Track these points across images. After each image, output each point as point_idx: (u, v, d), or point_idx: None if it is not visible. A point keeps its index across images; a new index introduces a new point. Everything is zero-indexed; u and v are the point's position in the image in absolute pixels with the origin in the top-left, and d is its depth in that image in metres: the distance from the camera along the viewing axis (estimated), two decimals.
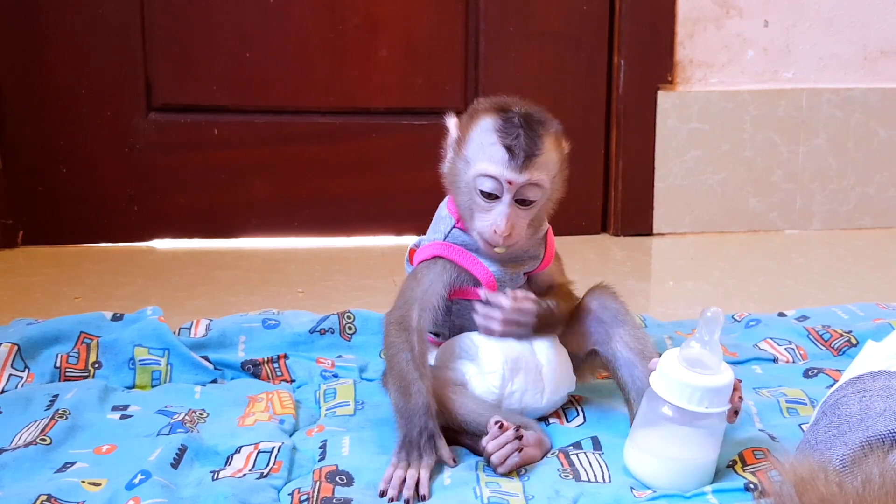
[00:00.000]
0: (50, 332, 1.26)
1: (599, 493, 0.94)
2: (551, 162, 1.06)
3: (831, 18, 2.03)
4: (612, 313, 1.11)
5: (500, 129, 1.04)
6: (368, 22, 1.93)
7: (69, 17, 1.83)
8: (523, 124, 1.04)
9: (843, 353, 1.31)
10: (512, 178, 1.02)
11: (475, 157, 1.05)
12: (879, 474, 0.69)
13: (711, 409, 0.93)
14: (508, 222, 1.03)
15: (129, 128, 1.89)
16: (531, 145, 1.03)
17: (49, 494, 0.92)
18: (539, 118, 1.06)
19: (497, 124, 1.04)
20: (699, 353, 0.95)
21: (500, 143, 1.03)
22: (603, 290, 1.14)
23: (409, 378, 1.01)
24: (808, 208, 2.07)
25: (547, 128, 1.06)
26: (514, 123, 1.04)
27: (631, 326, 1.09)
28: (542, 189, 1.05)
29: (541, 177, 1.04)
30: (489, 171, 1.03)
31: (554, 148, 1.07)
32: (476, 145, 1.05)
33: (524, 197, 1.04)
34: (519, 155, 1.02)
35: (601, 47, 2.00)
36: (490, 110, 1.06)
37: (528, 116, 1.05)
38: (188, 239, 1.93)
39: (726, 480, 0.97)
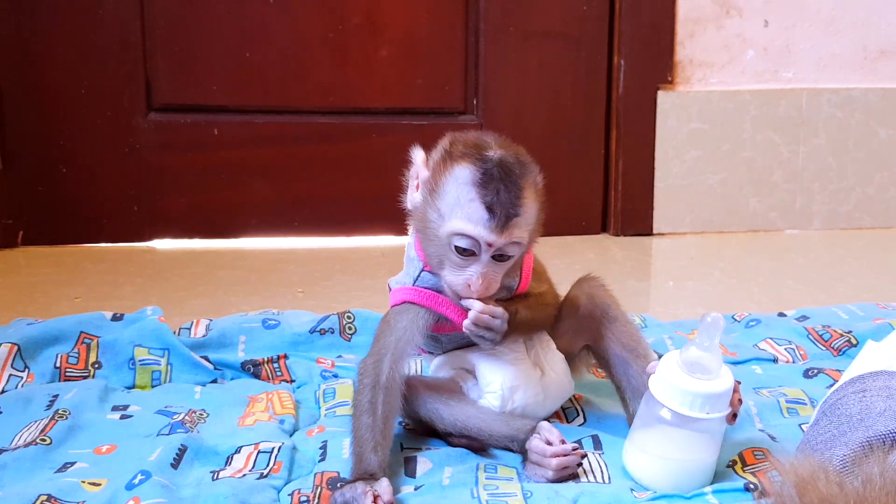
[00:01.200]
0: (50, 332, 1.26)
1: (599, 493, 0.94)
2: (531, 215, 0.98)
3: (831, 18, 2.03)
4: (602, 309, 1.08)
5: (478, 184, 0.95)
6: (368, 22, 1.93)
7: (69, 18, 1.83)
8: (503, 177, 0.95)
9: (843, 353, 1.31)
10: (492, 240, 0.95)
11: (451, 213, 0.97)
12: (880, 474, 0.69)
13: (712, 414, 0.93)
14: (485, 281, 0.97)
15: (129, 128, 1.89)
16: (513, 203, 0.95)
17: (49, 494, 0.92)
18: (518, 168, 0.97)
19: (475, 177, 0.96)
20: (699, 357, 0.94)
21: (479, 200, 0.95)
22: (590, 282, 1.11)
23: (364, 449, 0.96)
24: (808, 208, 2.07)
25: (527, 178, 0.98)
26: (493, 176, 0.95)
27: (622, 322, 1.08)
28: (521, 246, 0.98)
29: (521, 234, 0.97)
30: (467, 231, 0.95)
31: (534, 198, 0.98)
32: (451, 199, 0.97)
33: (503, 254, 0.98)
34: (500, 216, 0.95)
35: (601, 47, 2.00)
36: (466, 157, 0.97)
37: (507, 168, 0.96)
38: (188, 239, 1.93)
39: (726, 481, 0.97)
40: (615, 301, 1.10)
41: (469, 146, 0.99)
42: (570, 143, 2.02)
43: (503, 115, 1.99)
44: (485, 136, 1.00)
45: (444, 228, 0.98)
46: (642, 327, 1.39)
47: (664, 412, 0.94)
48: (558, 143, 2.02)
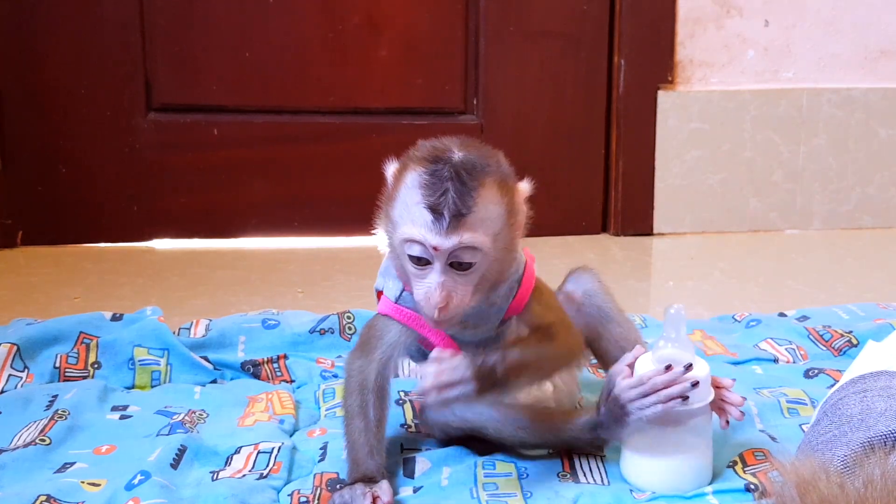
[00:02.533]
0: (49, 333, 1.26)
1: (599, 494, 0.94)
2: (490, 218, 0.90)
3: (831, 18, 2.03)
4: (597, 307, 1.06)
5: (424, 185, 0.89)
6: (368, 22, 1.93)
7: (69, 17, 1.83)
8: (453, 177, 0.89)
9: (844, 353, 1.31)
10: (437, 243, 0.88)
11: (400, 219, 0.91)
12: (881, 475, 0.69)
13: (695, 404, 0.93)
14: (442, 292, 0.90)
15: (128, 128, 1.89)
16: (460, 203, 0.88)
17: (48, 495, 0.92)
18: (474, 166, 0.90)
19: (422, 179, 0.90)
20: (671, 353, 0.95)
21: (423, 202, 0.89)
22: (584, 275, 1.08)
23: (359, 454, 0.94)
24: (808, 208, 2.07)
25: (482, 177, 0.90)
26: (441, 177, 0.89)
27: (617, 322, 1.07)
28: (480, 251, 0.90)
29: (475, 238, 0.89)
30: (413, 235, 0.89)
31: (495, 200, 0.91)
32: (401, 204, 0.92)
33: (459, 261, 0.90)
34: (445, 216, 0.88)
35: (601, 47, 2.00)
36: (419, 161, 0.92)
37: (460, 166, 0.89)
38: (188, 239, 1.93)
39: (727, 481, 0.97)
40: (611, 297, 1.08)
41: (426, 150, 0.93)
42: (570, 143, 2.02)
43: (503, 115, 1.99)
44: (451, 141, 0.94)
45: (395, 236, 0.92)
46: (642, 327, 1.39)
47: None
48: (558, 143, 2.01)
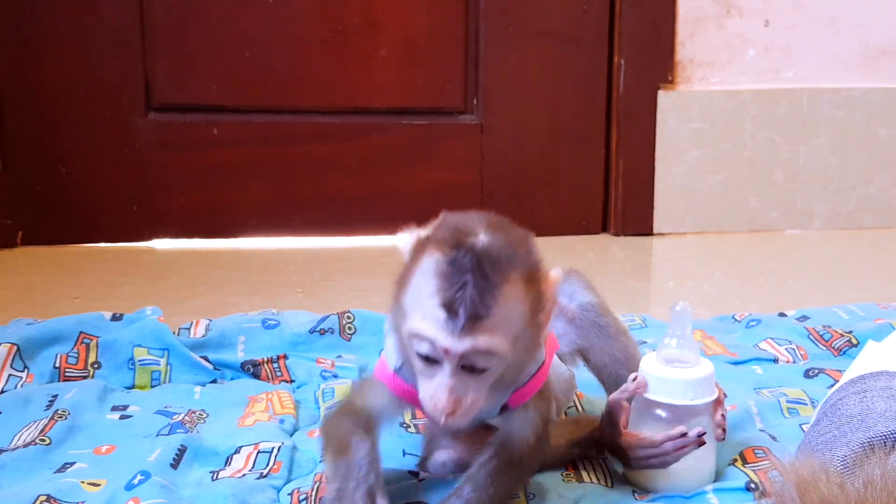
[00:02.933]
0: (49, 332, 1.26)
1: (601, 495, 0.94)
2: (511, 319, 0.80)
3: (832, 18, 2.03)
4: (592, 322, 1.02)
5: (441, 276, 0.78)
6: (368, 22, 1.93)
7: (68, 17, 1.83)
8: (474, 268, 0.77)
9: (844, 353, 1.31)
10: (449, 345, 0.78)
11: (411, 309, 0.80)
12: (881, 475, 0.69)
13: (697, 400, 0.94)
14: (451, 396, 0.79)
15: (128, 128, 1.89)
16: (479, 303, 0.77)
17: (48, 495, 0.92)
18: (499, 257, 0.79)
19: (440, 267, 0.78)
20: (676, 351, 0.96)
21: (438, 296, 0.78)
22: (577, 285, 1.03)
23: (350, 438, 0.86)
24: (808, 208, 2.07)
25: (507, 271, 0.79)
26: (461, 268, 0.77)
27: (611, 335, 1.03)
28: (496, 356, 0.80)
29: (492, 342, 0.78)
30: (423, 332, 0.79)
31: (519, 297, 0.80)
32: (414, 292, 0.80)
33: (471, 364, 0.80)
34: (460, 316, 0.77)
35: (601, 47, 2.00)
36: (439, 244, 0.80)
37: (484, 256, 0.78)
38: (187, 239, 1.93)
39: (728, 476, 0.97)
40: (606, 309, 1.04)
41: (450, 230, 0.81)
42: (570, 143, 2.02)
43: (503, 115, 1.99)
44: (478, 220, 0.82)
45: (404, 328, 0.81)
46: (642, 327, 1.39)
47: (656, 411, 0.95)
48: (558, 143, 2.01)
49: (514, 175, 2.01)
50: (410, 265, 0.82)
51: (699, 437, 0.92)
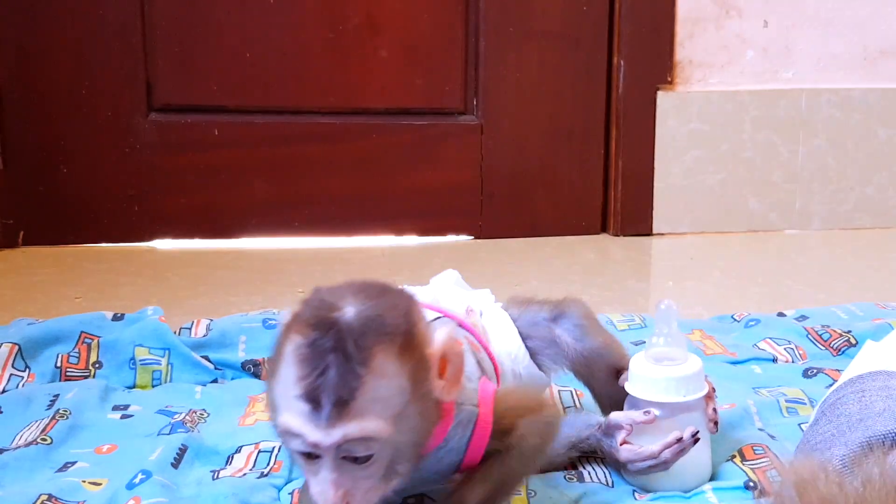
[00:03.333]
0: (50, 332, 1.26)
1: (601, 494, 0.94)
2: (384, 399, 0.71)
3: (831, 19, 2.03)
4: (594, 353, 0.98)
5: (301, 362, 0.70)
6: (368, 22, 1.93)
7: (69, 18, 1.84)
8: (335, 348, 0.70)
9: (843, 352, 1.31)
10: (318, 440, 0.70)
11: (279, 403, 0.73)
12: (879, 474, 0.69)
13: (689, 396, 0.94)
14: (338, 491, 0.72)
15: (129, 128, 1.89)
16: (342, 387, 0.69)
17: (50, 494, 0.92)
18: (366, 330, 0.71)
19: (299, 352, 0.71)
20: (664, 349, 0.96)
21: (298, 386, 0.70)
22: (572, 316, 0.98)
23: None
24: (807, 208, 2.07)
25: (374, 345, 0.71)
26: (321, 350, 0.70)
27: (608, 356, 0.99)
28: (377, 441, 0.71)
29: (366, 427, 0.70)
30: (290, 427, 0.71)
31: (392, 371, 0.71)
32: (280, 383, 0.73)
33: (352, 455, 0.72)
34: (324, 405, 0.69)
35: (601, 47, 2.00)
36: (300, 325, 0.72)
37: (347, 332, 0.70)
38: (189, 239, 1.93)
39: (726, 473, 0.97)
40: (603, 337, 1.00)
41: (312, 307, 0.73)
42: (569, 143, 2.02)
43: (503, 115, 1.99)
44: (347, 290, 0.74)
45: (276, 424, 0.74)
46: (641, 327, 1.39)
47: (646, 408, 0.95)
48: (558, 143, 2.02)
49: (514, 175, 2.01)
50: (276, 351, 0.74)
51: (694, 436, 0.92)
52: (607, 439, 0.96)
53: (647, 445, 0.94)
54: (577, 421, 0.99)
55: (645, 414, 0.94)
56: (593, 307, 1.53)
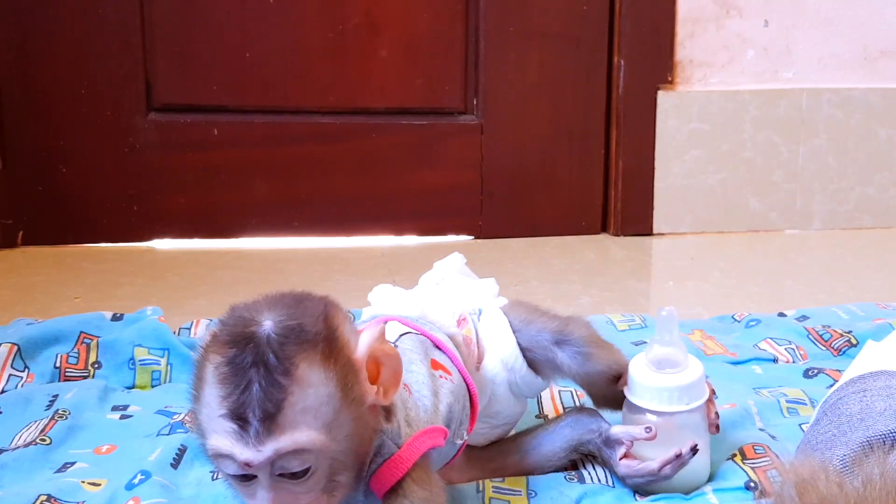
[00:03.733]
0: (50, 332, 1.26)
1: (602, 494, 0.94)
2: (313, 407, 0.69)
3: (831, 18, 2.03)
4: (596, 375, 0.96)
5: (222, 381, 0.68)
6: (368, 22, 1.93)
7: (69, 17, 1.83)
8: (256, 363, 0.68)
9: (844, 353, 1.31)
10: (249, 458, 0.68)
11: (205, 426, 0.70)
12: (880, 475, 0.69)
13: (692, 404, 0.93)
14: None
15: (129, 128, 1.89)
16: (268, 401, 0.67)
17: (49, 494, 0.92)
18: (282, 344, 0.69)
19: (221, 373, 0.69)
20: (664, 353, 0.94)
21: (222, 406, 0.68)
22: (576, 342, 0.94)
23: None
24: (808, 208, 2.07)
25: (295, 356, 0.69)
26: (241, 366, 0.68)
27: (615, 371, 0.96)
28: (313, 453, 0.69)
29: (298, 439, 0.68)
30: (220, 449, 0.69)
31: (318, 378, 0.69)
32: (204, 405, 0.70)
33: (288, 471, 0.69)
34: (251, 422, 0.67)
35: (601, 47, 2.00)
36: (218, 345, 0.70)
37: (266, 344, 0.69)
38: (188, 239, 1.93)
39: (727, 473, 0.97)
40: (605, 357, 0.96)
41: (228, 325, 0.71)
42: (569, 143, 2.02)
43: (503, 115, 1.99)
44: (263, 304, 0.73)
45: (206, 446, 0.71)
46: (642, 327, 1.39)
47: (647, 416, 0.94)
48: (558, 143, 2.02)
49: (514, 175, 2.01)
50: (196, 375, 0.72)
51: (693, 449, 0.91)
52: (607, 449, 0.96)
53: (647, 462, 0.93)
54: (579, 424, 0.98)
55: (646, 430, 0.92)
56: (593, 307, 1.56)
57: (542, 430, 0.99)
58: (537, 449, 0.98)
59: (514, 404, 0.98)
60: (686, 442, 0.92)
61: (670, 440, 0.94)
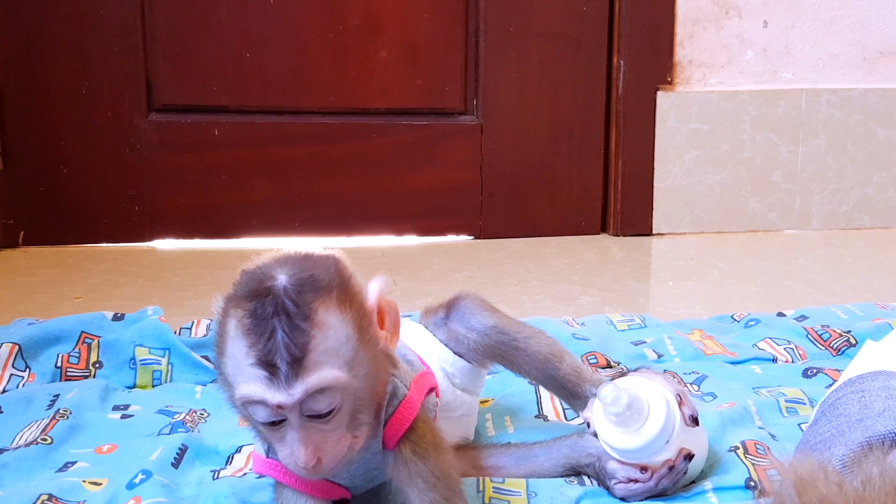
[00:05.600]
0: (51, 332, 1.26)
1: (602, 495, 0.94)
2: (335, 348, 0.74)
3: (830, 19, 2.03)
4: (495, 342, 0.95)
5: (247, 332, 0.73)
6: (368, 22, 1.93)
7: (70, 18, 1.84)
8: (278, 312, 0.72)
9: (842, 352, 1.31)
10: (280, 400, 0.72)
11: (233, 377, 0.75)
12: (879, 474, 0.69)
13: (657, 456, 0.91)
14: (308, 448, 0.74)
15: (129, 128, 1.89)
16: (294, 344, 0.72)
17: (50, 494, 0.92)
18: (301, 288, 0.74)
19: (244, 324, 0.73)
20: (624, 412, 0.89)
21: (250, 355, 0.73)
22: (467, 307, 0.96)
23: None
24: (807, 208, 2.07)
25: (313, 300, 0.73)
26: (264, 316, 0.72)
27: (523, 346, 0.96)
28: (338, 390, 0.74)
29: (324, 378, 0.73)
30: (250, 396, 0.73)
31: (337, 321, 0.74)
32: (230, 359, 0.75)
33: (315, 412, 0.74)
34: (280, 366, 0.72)
35: (601, 47, 2.00)
36: (238, 300, 0.75)
37: (284, 295, 0.73)
38: (189, 239, 1.94)
39: (728, 465, 0.96)
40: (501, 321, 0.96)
41: (244, 282, 0.77)
42: (569, 143, 2.02)
43: (503, 115, 1.99)
44: (275, 260, 0.78)
45: (235, 400, 0.76)
46: (641, 327, 1.39)
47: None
48: (558, 144, 2.02)
49: (514, 175, 2.01)
50: (219, 332, 0.76)
51: (688, 457, 0.91)
52: (602, 473, 0.95)
53: (641, 482, 0.92)
54: (579, 447, 0.98)
55: (642, 472, 0.92)
56: (593, 307, 1.56)
57: (541, 445, 1.00)
58: (535, 459, 0.99)
59: (462, 395, 0.99)
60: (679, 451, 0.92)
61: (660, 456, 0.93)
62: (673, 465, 0.91)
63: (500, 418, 1.10)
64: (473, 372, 0.99)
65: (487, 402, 1.13)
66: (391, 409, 0.81)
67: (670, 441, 0.91)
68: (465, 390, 0.99)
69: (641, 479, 0.92)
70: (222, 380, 0.77)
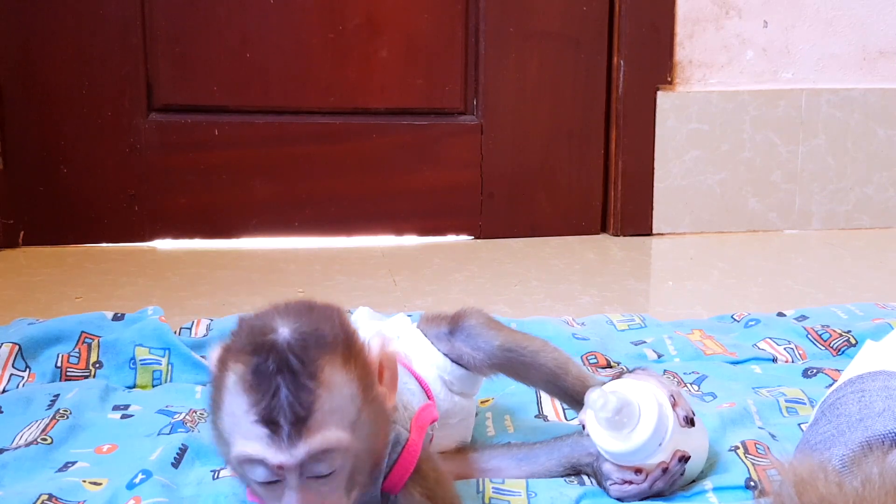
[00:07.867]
0: (51, 332, 1.26)
1: (602, 495, 0.94)
2: (339, 408, 0.71)
3: (830, 19, 2.03)
4: (505, 360, 0.95)
5: (249, 389, 0.70)
6: (368, 22, 1.93)
7: (70, 17, 1.84)
8: (281, 369, 0.70)
9: (843, 352, 1.31)
10: (282, 461, 0.70)
11: (231, 434, 0.72)
12: (879, 474, 0.69)
13: (650, 459, 0.91)
14: None
15: (129, 128, 1.89)
16: (298, 404, 0.69)
17: (50, 494, 0.92)
18: (306, 344, 0.71)
19: (247, 381, 0.70)
20: (617, 393, 0.89)
21: (251, 412, 0.70)
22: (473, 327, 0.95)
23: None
24: (807, 208, 2.07)
25: (317, 359, 0.71)
26: (267, 373, 0.70)
27: (531, 361, 0.96)
28: (340, 452, 0.71)
29: (328, 439, 0.70)
30: (249, 454, 0.70)
31: (340, 380, 0.72)
32: (228, 415, 0.72)
33: (316, 473, 0.71)
34: (283, 425, 0.69)
35: (601, 47, 2.00)
36: (239, 354, 0.72)
37: (288, 350, 0.70)
38: (189, 239, 1.94)
39: (728, 464, 0.96)
40: (507, 339, 0.96)
41: (245, 335, 0.73)
42: (569, 143, 2.02)
43: (503, 115, 1.99)
44: (276, 312, 0.74)
45: (231, 455, 0.73)
46: (641, 327, 1.39)
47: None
48: (558, 143, 2.02)
49: (514, 175, 2.01)
50: (217, 385, 0.73)
51: (682, 459, 0.91)
52: (599, 474, 0.95)
53: (635, 483, 0.92)
54: (579, 446, 0.98)
55: (636, 473, 0.91)
56: (593, 307, 1.56)
57: (542, 445, 1.00)
58: (536, 460, 0.99)
59: (460, 400, 0.99)
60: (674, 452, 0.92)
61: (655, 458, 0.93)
62: (667, 467, 0.91)
63: (500, 418, 1.10)
64: (472, 378, 0.99)
65: (487, 402, 1.13)
66: (395, 456, 0.80)
67: (664, 444, 0.91)
68: (463, 394, 0.99)
69: (636, 481, 0.92)
70: (217, 435, 0.74)
